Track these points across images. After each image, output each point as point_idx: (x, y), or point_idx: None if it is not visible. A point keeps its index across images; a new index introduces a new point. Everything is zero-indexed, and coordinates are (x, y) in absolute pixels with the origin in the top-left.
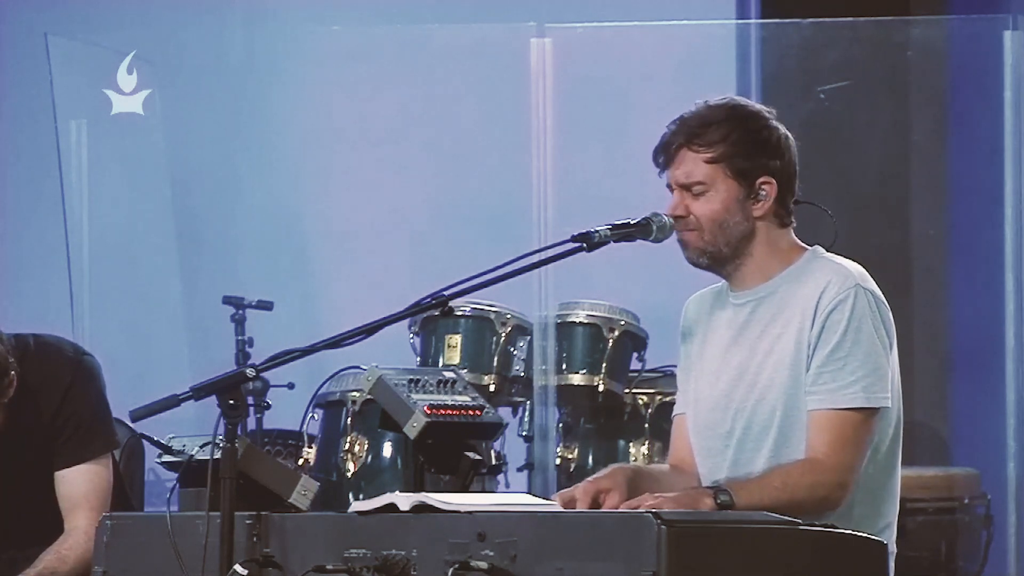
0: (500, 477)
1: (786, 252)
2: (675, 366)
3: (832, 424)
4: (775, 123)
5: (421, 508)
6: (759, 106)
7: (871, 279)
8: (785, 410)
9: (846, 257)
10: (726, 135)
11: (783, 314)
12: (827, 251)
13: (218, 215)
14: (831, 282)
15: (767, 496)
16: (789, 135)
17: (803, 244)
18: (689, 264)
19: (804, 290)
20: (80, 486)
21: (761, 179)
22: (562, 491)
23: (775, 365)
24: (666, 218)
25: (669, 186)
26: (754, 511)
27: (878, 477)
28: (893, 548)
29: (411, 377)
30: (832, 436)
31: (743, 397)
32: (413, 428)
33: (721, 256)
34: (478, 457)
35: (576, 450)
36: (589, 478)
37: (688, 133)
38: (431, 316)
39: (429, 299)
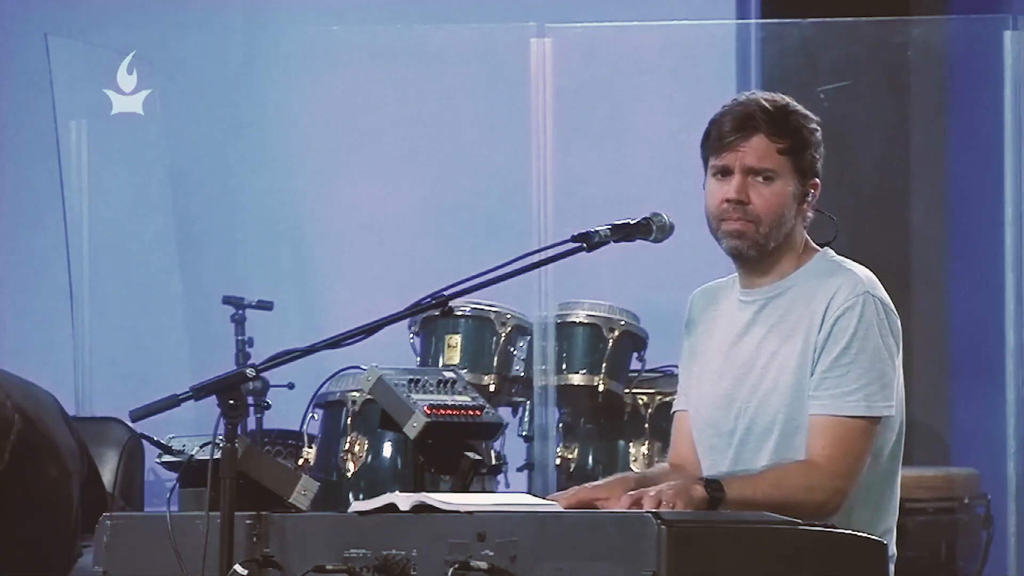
0: (500, 477)
1: (800, 253)
2: (675, 366)
3: (832, 430)
4: None
5: (421, 508)
6: None
7: (880, 286)
8: (788, 413)
9: (845, 257)
10: (797, 130)
11: (792, 316)
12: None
13: (218, 215)
14: (841, 287)
15: (760, 492)
16: None
17: (815, 245)
18: (728, 255)
19: (815, 293)
20: None
21: (811, 181)
22: (553, 494)
23: (780, 367)
24: (666, 218)
25: (722, 170)
26: (747, 507)
27: (879, 483)
28: (894, 552)
29: (411, 377)
30: (832, 442)
31: (746, 397)
32: (413, 428)
33: (767, 251)
34: (478, 457)
35: (576, 450)
36: (587, 484)
37: (768, 119)
38: (431, 316)
39: (429, 299)
